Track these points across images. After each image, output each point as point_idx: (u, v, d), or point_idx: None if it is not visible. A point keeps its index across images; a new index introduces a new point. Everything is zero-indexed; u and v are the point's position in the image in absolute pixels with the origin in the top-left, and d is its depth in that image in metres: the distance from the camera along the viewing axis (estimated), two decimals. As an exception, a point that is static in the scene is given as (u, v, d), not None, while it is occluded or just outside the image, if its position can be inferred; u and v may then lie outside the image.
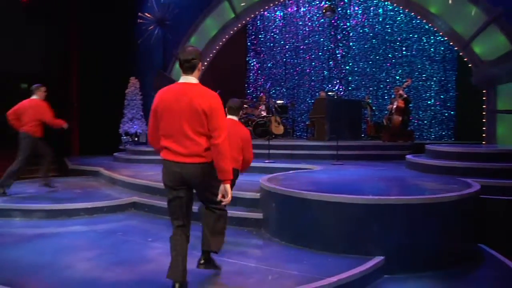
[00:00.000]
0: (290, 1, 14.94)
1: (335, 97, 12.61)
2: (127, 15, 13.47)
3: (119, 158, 11.01)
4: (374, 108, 13.17)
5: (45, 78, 12.96)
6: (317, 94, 14.68)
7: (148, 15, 12.60)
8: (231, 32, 12.23)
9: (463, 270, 4.53)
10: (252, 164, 8.10)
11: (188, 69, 3.29)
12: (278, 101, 13.43)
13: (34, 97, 7.13)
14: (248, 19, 12.41)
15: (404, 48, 13.71)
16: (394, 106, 11.29)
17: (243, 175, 4.95)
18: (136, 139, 13.18)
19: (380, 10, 14.05)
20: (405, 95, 11.26)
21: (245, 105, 13.36)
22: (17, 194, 6.95)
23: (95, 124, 12.93)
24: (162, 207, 6.09)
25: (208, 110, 3.16)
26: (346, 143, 9.79)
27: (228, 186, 3.30)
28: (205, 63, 12.57)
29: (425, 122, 13.40)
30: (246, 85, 15.89)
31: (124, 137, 12.99)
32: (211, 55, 12.41)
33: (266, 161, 8.55)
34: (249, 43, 16.03)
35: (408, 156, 8.08)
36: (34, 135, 6.93)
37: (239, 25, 12.24)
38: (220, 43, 12.29)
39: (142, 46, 13.12)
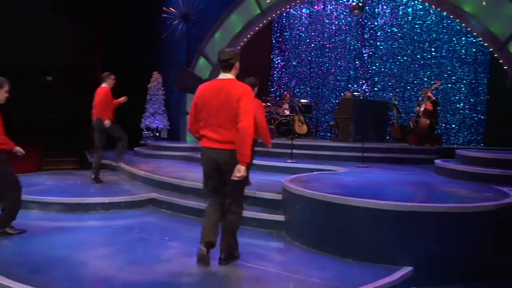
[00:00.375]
0: (317, -1, 14.65)
1: (361, 97, 12.26)
2: (151, 10, 13.40)
3: (139, 153, 10.94)
4: (400, 110, 12.76)
5: (69, 72, 13.14)
6: (342, 94, 14.35)
7: (173, 10, 12.49)
8: (256, 28, 12.00)
9: (497, 285, 4.22)
10: (274, 164, 8.00)
11: (226, 67, 3.73)
12: (302, 100, 13.14)
13: (103, 84, 7.60)
14: (273, 15, 12.15)
15: (433, 49, 13.24)
16: (422, 109, 10.92)
17: (266, 174, 4.76)
18: (157, 134, 13.12)
19: (410, 10, 13.62)
20: (434, 97, 10.87)
21: (268, 103, 13.14)
22: (35, 185, 6.90)
23: (117, 118, 12.86)
24: (181, 204, 5.99)
25: (239, 96, 3.55)
26: (371, 145, 9.47)
27: (243, 167, 3.56)
28: (229, 60, 12.38)
29: (453, 126, 12.93)
30: (270, 83, 15.65)
31: (146, 132, 12.94)
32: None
33: (289, 161, 8.32)
34: (274, 41, 15.79)
35: (436, 161, 7.73)
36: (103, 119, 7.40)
37: (265, 21, 12.00)
38: (245, 39, 12.08)
39: (166, 41, 13.03)
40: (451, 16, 10.66)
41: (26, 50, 11.94)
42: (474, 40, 12.20)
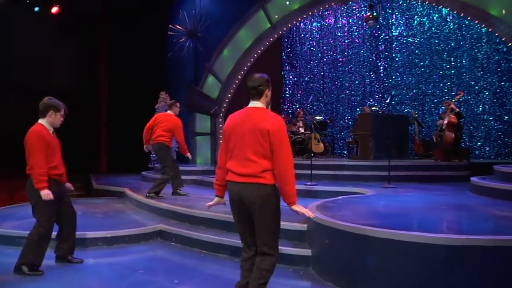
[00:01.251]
0: (328, 12, 14.09)
1: (380, 112, 11.58)
2: (157, 28, 12.98)
3: (147, 178, 10.32)
4: (422, 124, 12.05)
5: (75, 93, 12.68)
6: (357, 109, 13.72)
7: (179, 27, 12.02)
8: (267, 43, 11.47)
9: None
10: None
11: (255, 95, 3.36)
12: (317, 117, 12.50)
13: (169, 111, 7.59)
14: (284, 29, 11.62)
15: (452, 59, 12.60)
16: (445, 122, 10.21)
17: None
18: (165, 156, 12.51)
19: (425, 19, 13.03)
20: (457, 109, 10.18)
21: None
22: (27, 218, 6.26)
23: (124, 140, 12.36)
24: (192, 238, 5.32)
25: (271, 131, 3.18)
26: (394, 162, 8.74)
27: (295, 207, 3.27)
28: (239, 77, 11.83)
29: (478, 138, 12.18)
30: (281, 100, 15.04)
31: (153, 155, 12.33)
32: (245, 68, 11.66)
33: (308, 183, 7.63)
34: (284, 56, 15.24)
35: (473, 179, 6.99)
36: (168, 145, 7.35)
37: (275, 35, 11.46)
38: (255, 55, 11.54)
39: (173, 59, 12.54)
40: (476, 22, 10.02)
41: (29, 71, 11.51)
42: (497, 47, 11.58)
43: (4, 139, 9.80)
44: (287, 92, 15.18)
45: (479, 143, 12.16)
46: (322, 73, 14.61)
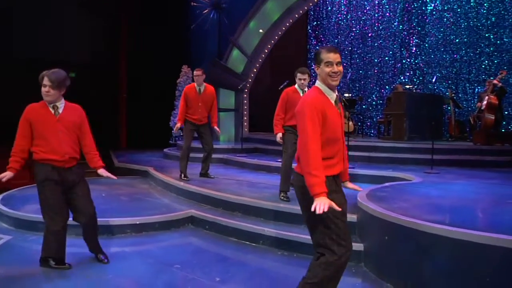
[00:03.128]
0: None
1: (414, 90, 10.93)
2: (180, -1, 12.40)
3: (169, 155, 9.91)
4: (460, 104, 11.37)
5: (94, 67, 12.24)
6: (387, 87, 13.07)
7: (203, -2, 11.41)
8: (296, 15, 10.82)
9: None
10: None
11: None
12: (345, 94, 11.86)
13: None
14: (315, 0, 10.91)
15: (492, 36, 11.80)
16: (485, 103, 9.57)
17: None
18: (186, 133, 12.08)
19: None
20: (500, 84, 9.51)
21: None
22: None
23: (144, 116, 11.97)
24: (228, 226, 4.89)
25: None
26: (428, 145, 8.16)
27: (318, 199, 2.55)
28: (266, 51, 11.24)
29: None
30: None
31: (175, 131, 11.91)
32: (272, 41, 11.06)
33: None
34: (310, 30, 14.54)
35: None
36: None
37: (305, 7, 10.79)
38: (283, 28, 10.91)
39: (196, 32, 11.97)
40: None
41: (48, 44, 11.03)
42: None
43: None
44: (313, 68, 14.54)
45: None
46: (350, 48, 13.90)
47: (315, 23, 14.46)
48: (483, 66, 11.93)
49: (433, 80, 10.28)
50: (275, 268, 4.05)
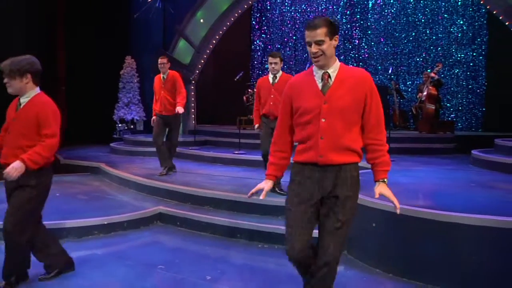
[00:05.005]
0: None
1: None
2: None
3: (117, 150, 9.42)
4: (404, 95, 11.87)
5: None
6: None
7: (147, -14, 10.93)
8: (245, 6, 10.67)
9: None
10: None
11: None
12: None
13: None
14: (264, -9, 10.84)
15: (428, 31, 12.44)
16: (425, 93, 10.08)
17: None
18: (132, 127, 11.58)
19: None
20: (437, 76, 10.06)
21: (255, 89, 11.90)
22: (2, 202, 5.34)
23: (85, 110, 11.24)
24: (201, 221, 4.71)
25: None
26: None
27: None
28: (213, 42, 11.01)
29: (451, 110, 12.25)
30: (251, 68, 14.34)
31: (119, 125, 11.37)
32: (221, 32, 10.84)
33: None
34: (253, 21, 14.45)
35: (475, 152, 6.85)
36: None
37: (255, -2, 10.67)
38: (232, 19, 10.71)
39: (139, 22, 11.45)
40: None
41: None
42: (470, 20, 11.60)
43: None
44: (256, 59, 14.50)
45: (452, 115, 12.22)
46: (294, 38, 14.01)
47: (258, 14, 14.40)
48: (420, 59, 12.55)
49: (389, 71, 10.61)
50: (262, 262, 3.95)
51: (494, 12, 8.92)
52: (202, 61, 11.17)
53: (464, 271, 3.33)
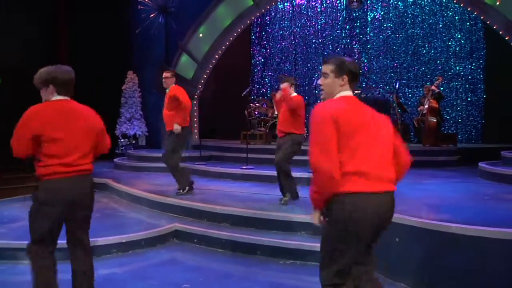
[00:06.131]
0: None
1: (362, 95, 11.34)
2: (123, 2, 11.82)
3: (122, 166, 9.37)
4: (406, 108, 11.97)
5: (26, 72, 11.21)
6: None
7: (148, 1, 10.98)
8: (248, 21, 10.78)
9: None
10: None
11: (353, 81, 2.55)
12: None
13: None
14: (268, 7, 10.95)
15: (427, 44, 12.61)
16: (426, 107, 10.18)
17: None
18: (133, 142, 11.54)
19: (400, 3, 12.90)
20: (438, 90, 10.16)
21: (257, 104, 11.96)
22: (13, 221, 5.30)
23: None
24: (220, 238, 4.67)
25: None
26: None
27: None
28: (216, 57, 11.06)
29: (451, 123, 12.38)
30: (251, 82, 14.40)
31: (122, 140, 11.33)
32: (223, 47, 10.91)
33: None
34: (253, 36, 14.55)
35: (483, 165, 6.92)
36: None
37: (257, 13, 10.78)
38: (235, 34, 10.80)
39: (141, 37, 11.50)
40: (469, 9, 9.90)
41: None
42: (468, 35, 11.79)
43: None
44: (256, 74, 14.57)
45: (452, 128, 12.34)
46: (294, 52, 14.12)
47: (258, 29, 14.50)
48: (420, 73, 12.70)
49: (396, 85, 10.72)
50: (290, 278, 3.91)
51: (494, 27, 9.08)
52: (205, 76, 11.21)
53: (490, 285, 3.34)
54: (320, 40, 13.78)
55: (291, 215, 4.80)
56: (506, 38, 8.85)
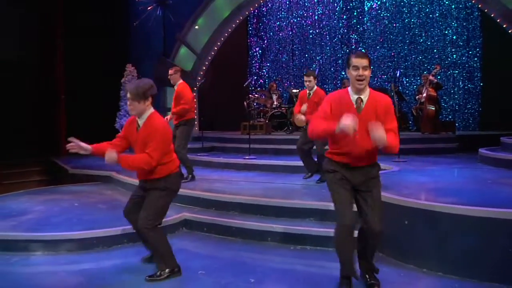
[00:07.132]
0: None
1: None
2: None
3: (123, 159, 9.37)
4: (405, 97, 12.05)
5: (24, 66, 11.17)
6: (328, 82, 13.51)
7: (146, -6, 10.95)
8: (246, 12, 10.78)
9: None
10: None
11: None
12: (294, 90, 12.06)
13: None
14: (266, -3, 10.94)
15: (423, 33, 12.66)
16: (424, 95, 10.26)
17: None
18: (133, 135, 11.52)
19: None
20: (436, 80, 10.25)
21: (256, 95, 11.99)
22: (22, 214, 5.33)
23: (86, 118, 11.16)
24: (230, 226, 4.74)
25: None
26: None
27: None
28: (215, 48, 11.07)
29: (449, 110, 12.48)
30: (249, 74, 14.41)
31: (122, 133, 11.31)
32: (222, 38, 10.91)
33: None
34: (250, 27, 14.54)
35: (483, 151, 7.03)
36: None
37: (256, 4, 10.77)
38: (234, 25, 10.81)
39: (139, 29, 11.47)
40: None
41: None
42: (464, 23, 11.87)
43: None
44: (253, 65, 14.59)
45: (449, 116, 12.45)
46: (292, 44, 14.14)
47: (255, 20, 14.49)
48: (417, 61, 12.76)
49: (397, 74, 10.80)
50: (300, 264, 3.96)
51: (492, 16, 9.15)
52: (204, 68, 11.22)
53: (500, 264, 3.43)
54: (317, 31, 13.81)
55: (299, 202, 4.87)
56: (504, 26, 8.93)
